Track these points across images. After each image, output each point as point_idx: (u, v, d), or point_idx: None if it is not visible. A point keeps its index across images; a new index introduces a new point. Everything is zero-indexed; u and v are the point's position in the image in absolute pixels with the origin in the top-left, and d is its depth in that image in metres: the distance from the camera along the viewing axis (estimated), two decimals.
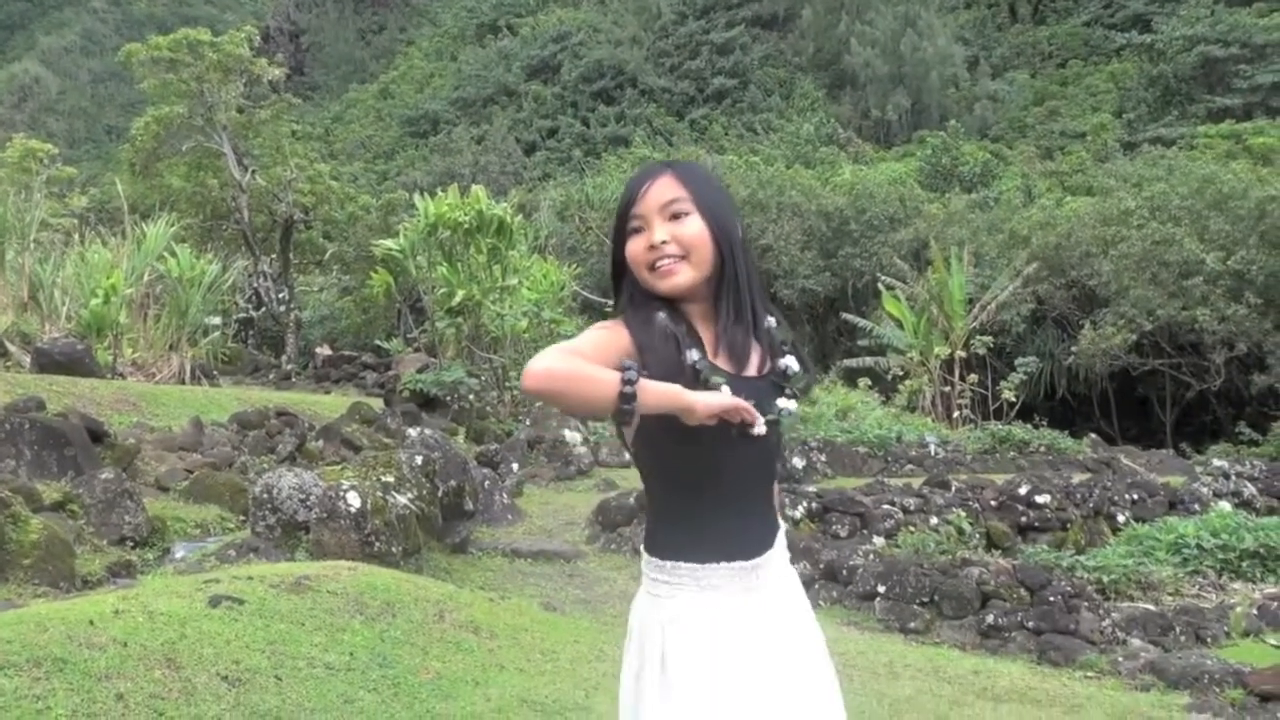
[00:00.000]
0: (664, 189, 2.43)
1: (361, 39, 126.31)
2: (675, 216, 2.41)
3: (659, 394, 2.20)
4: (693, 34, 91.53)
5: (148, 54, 26.92)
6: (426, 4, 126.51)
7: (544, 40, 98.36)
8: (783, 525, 2.66)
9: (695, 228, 2.40)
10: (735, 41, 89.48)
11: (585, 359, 2.23)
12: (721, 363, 2.40)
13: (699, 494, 2.43)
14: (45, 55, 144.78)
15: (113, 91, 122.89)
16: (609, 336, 2.33)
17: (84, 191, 32.84)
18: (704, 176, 2.52)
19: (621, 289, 2.50)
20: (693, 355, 2.34)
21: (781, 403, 2.44)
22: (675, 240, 2.39)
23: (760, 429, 2.34)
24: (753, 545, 2.48)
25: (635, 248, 2.44)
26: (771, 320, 2.55)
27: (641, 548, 2.56)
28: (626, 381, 2.17)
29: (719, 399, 2.24)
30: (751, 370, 2.44)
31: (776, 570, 2.54)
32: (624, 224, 2.47)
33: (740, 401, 2.26)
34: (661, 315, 2.38)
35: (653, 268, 2.41)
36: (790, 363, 2.52)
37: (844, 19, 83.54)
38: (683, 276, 2.40)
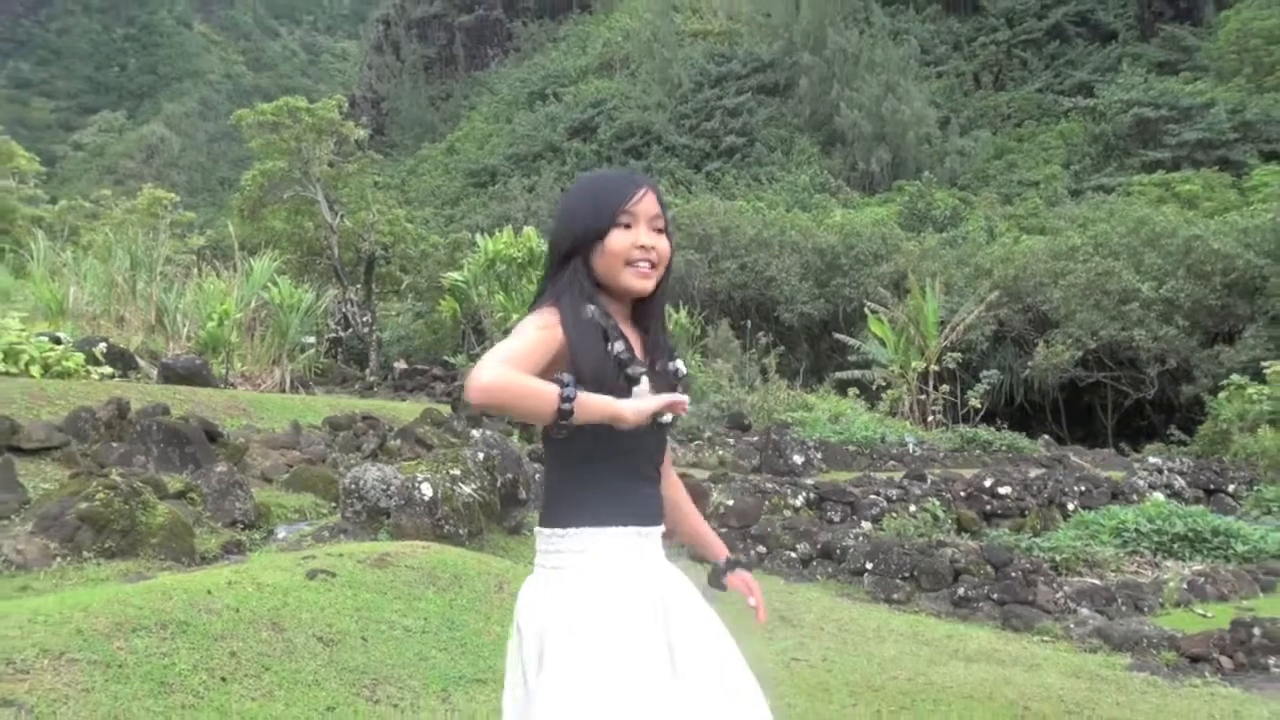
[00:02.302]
0: (653, 203, 2.33)
1: (432, 105, 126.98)
2: (657, 230, 2.34)
3: (594, 407, 2.08)
4: (708, 100, 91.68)
5: (255, 118, 27.13)
6: (486, 76, 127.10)
7: (584, 106, 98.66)
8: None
9: (667, 245, 2.35)
10: (744, 106, 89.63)
11: (524, 363, 2.10)
12: (641, 358, 2.32)
13: (605, 468, 2.28)
14: (169, 119, 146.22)
15: (225, 149, 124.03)
16: (545, 336, 2.18)
17: (201, 233, 33.11)
18: (665, 200, 2.43)
19: (563, 271, 2.32)
20: (617, 346, 2.24)
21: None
22: (656, 250, 2.32)
23: (669, 416, 2.27)
24: (650, 514, 2.34)
25: (623, 241, 2.30)
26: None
27: (536, 528, 2.36)
28: (565, 399, 2.04)
29: (649, 404, 2.14)
30: (653, 368, 2.35)
31: (660, 552, 2.38)
32: (610, 216, 2.31)
33: (669, 397, 2.17)
34: (592, 308, 2.25)
35: (630, 264, 2.31)
36: (679, 365, 2.43)
37: (835, 87, 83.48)
38: (651, 283, 2.32)
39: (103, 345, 12.07)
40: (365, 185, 29.03)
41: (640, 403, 2.14)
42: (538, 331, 2.19)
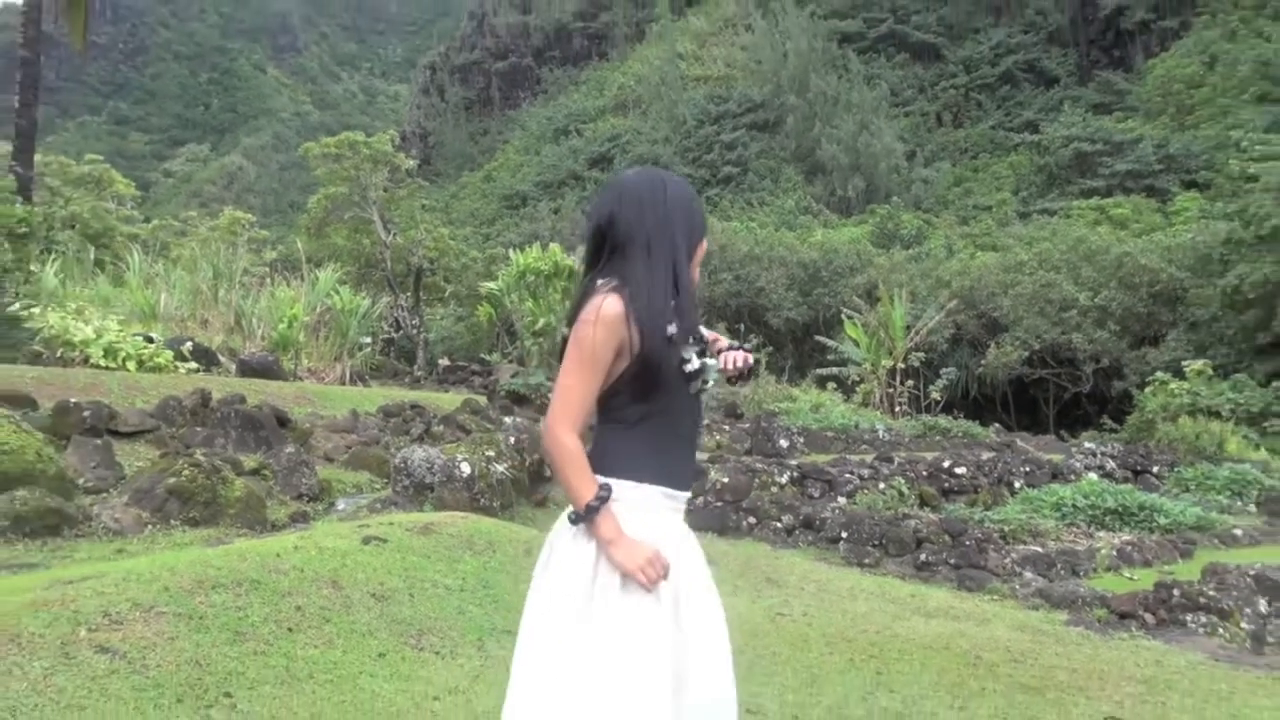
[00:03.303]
0: None
1: (471, 139, 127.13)
2: None
3: (605, 528, 2.11)
4: (708, 135, 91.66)
5: (320, 150, 27.16)
6: (518, 114, 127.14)
7: (601, 140, 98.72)
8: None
9: None
10: (739, 141, 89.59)
11: (588, 409, 2.15)
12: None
13: (655, 432, 2.21)
14: (247, 151, 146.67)
15: (294, 177, 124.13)
16: (607, 349, 2.13)
17: (273, 248, 33.09)
18: None
19: (641, 256, 2.20)
20: (671, 329, 2.17)
21: (709, 361, 2.28)
22: None
23: (711, 383, 2.26)
24: (680, 479, 2.27)
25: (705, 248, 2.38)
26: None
27: None
28: (587, 509, 2.10)
29: (635, 562, 2.09)
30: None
31: (682, 519, 2.32)
32: (703, 232, 2.36)
33: (646, 572, 2.10)
34: (673, 303, 2.22)
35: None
36: (705, 331, 2.36)
37: (817, 124, 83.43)
38: None
39: (189, 344, 12.09)
40: (414, 208, 29.03)
41: (630, 559, 2.10)
42: (604, 348, 2.14)
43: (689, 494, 2.34)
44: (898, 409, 19.11)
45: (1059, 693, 4.49)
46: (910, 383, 19.81)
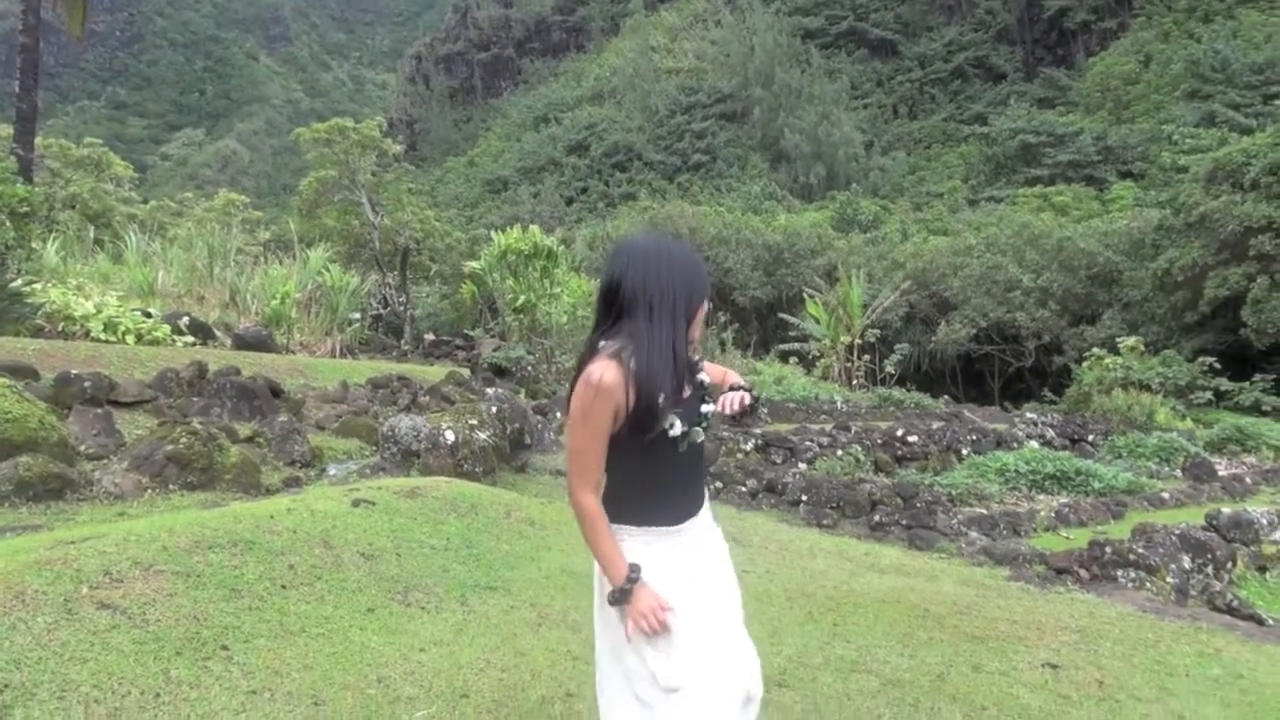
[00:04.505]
0: None
1: (456, 126, 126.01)
2: None
3: (636, 599, 2.21)
4: (679, 124, 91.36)
5: (311, 135, 26.82)
6: (500, 103, 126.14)
7: (579, 128, 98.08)
8: (708, 498, 2.50)
9: None
10: (708, 130, 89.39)
11: (601, 467, 2.22)
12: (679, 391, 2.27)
13: (648, 485, 2.29)
14: (241, 135, 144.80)
15: (286, 161, 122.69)
16: (606, 415, 2.18)
17: (266, 228, 32.69)
18: None
19: (662, 317, 2.22)
20: (662, 398, 2.19)
21: (705, 408, 2.34)
22: None
23: (699, 438, 2.31)
24: (677, 516, 2.33)
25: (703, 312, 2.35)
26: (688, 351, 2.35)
27: None
28: (626, 583, 2.21)
29: (638, 608, 2.21)
30: (687, 392, 2.31)
31: (702, 525, 2.42)
32: (703, 297, 2.32)
33: (640, 622, 2.21)
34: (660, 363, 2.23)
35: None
36: (704, 377, 2.39)
37: (781, 115, 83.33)
38: None
39: (186, 319, 11.94)
40: (401, 191, 28.76)
41: (640, 615, 2.21)
42: (601, 414, 2.18)
43: (696, 517, 2.41)
44: (855, 382, 19.22)
45: (1001, 642, 4.55)
46: (866, 357, 19.91)
